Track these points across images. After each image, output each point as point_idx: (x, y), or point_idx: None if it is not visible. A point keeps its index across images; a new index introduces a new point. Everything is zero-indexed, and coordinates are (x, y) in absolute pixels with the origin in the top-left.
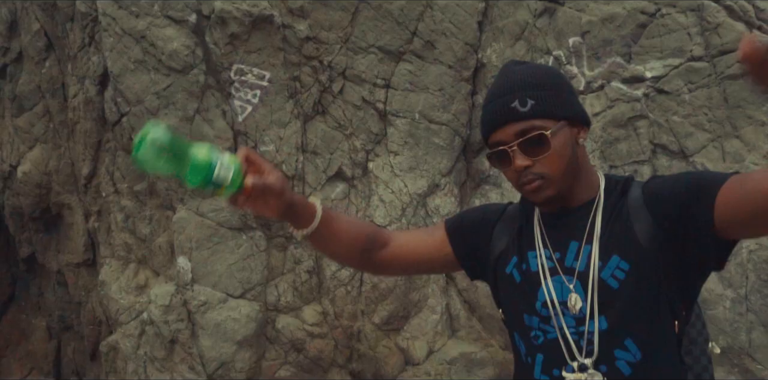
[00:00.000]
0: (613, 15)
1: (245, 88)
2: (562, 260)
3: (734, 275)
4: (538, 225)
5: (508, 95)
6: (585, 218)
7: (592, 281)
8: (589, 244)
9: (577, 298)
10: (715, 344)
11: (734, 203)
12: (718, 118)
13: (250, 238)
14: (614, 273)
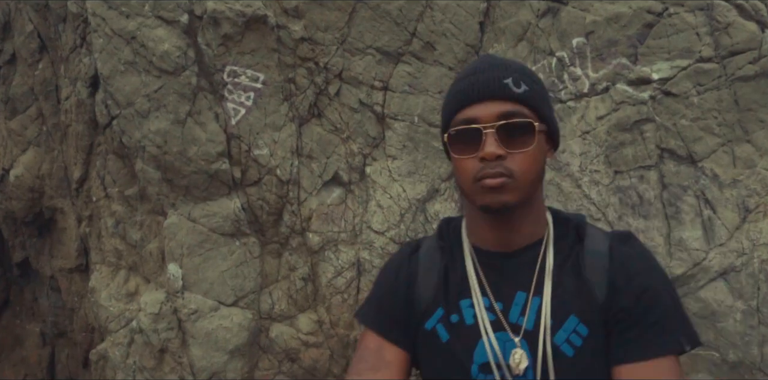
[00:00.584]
0: (619, 14)
1: (239, 90)
2: (505, 313)
3: (745, 286)
4: (472, 267)
5: (499, 70)
6: (533, 262)
7: (543, 345)
8: (538, 296)
9: (523, 355)
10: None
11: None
12: (729, 121)
13: (244, 245)
14: (570, 338)
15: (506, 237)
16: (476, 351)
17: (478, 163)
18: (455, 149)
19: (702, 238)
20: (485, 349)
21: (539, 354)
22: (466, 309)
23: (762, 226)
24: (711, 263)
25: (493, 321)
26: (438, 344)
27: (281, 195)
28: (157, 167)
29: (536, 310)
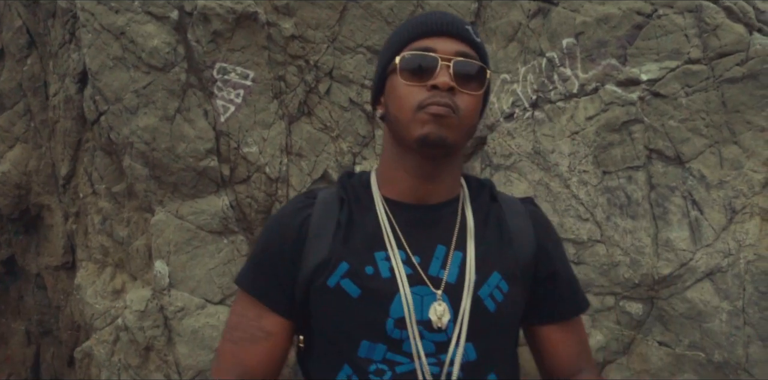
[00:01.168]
0: (608, 15)
1: (228, 88)
2: (424, 266)
3: (731, 287)
4: (386, 218)
5: (459, 18)
6: (452, 217)
7: (465, 298)
8: (461, 251)
9: (445, 309)
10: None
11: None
12: (716, 122)
13: (231, 242)
14: (493, 293)
15: (426, 188)
16: (392, 306)
17: (426, 91)
18: (404, 75)
19: (689, 239)
20: (401, 303)
21: (462, 308)
22: (381, 262)
23: (748, 227)
24: (698, 264)
25: (410, 275)
26: (347, 300)
27: (270, 193)
28: (145, 164)
29: (459, 264)
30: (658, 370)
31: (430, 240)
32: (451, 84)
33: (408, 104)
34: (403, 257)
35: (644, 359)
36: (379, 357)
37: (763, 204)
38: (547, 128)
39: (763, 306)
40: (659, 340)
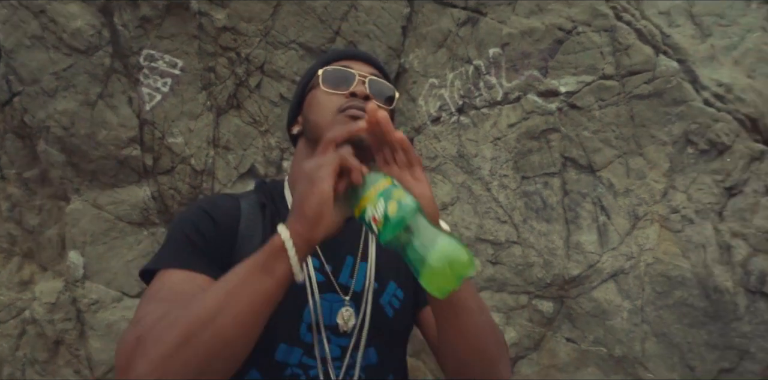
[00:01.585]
0: (533, 29)
1: (155, 75)
2: (336, 274)
3: (632, 287)
4: None
5: (372, 57)
6: (357, 231)
7: (365, 304)
8: (365, 261)
9: (351, 315)
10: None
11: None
12: (625, 135)
13: (152, 234)
14: (391, 301)
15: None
16: (305, 311)
17: (344, 98)
18: (326, 85)
19: (597, 242)
20: (310, 308)
21: (363, 313)
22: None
23: (648, 233)
24: (604, 265)
25: (322, 282)
26: None
27: (195, 186)
28: (62, 150)
29: (363, 274)
30: (565, 365)
31: (340, 251)
32: (368, 93)
33: (328, 109)
34: (317, 265)
35: (553, 354)
36: (295, 361)
37: (662, 212)
38: (472, 133)
39: (658, 306)
40: (567, 337)
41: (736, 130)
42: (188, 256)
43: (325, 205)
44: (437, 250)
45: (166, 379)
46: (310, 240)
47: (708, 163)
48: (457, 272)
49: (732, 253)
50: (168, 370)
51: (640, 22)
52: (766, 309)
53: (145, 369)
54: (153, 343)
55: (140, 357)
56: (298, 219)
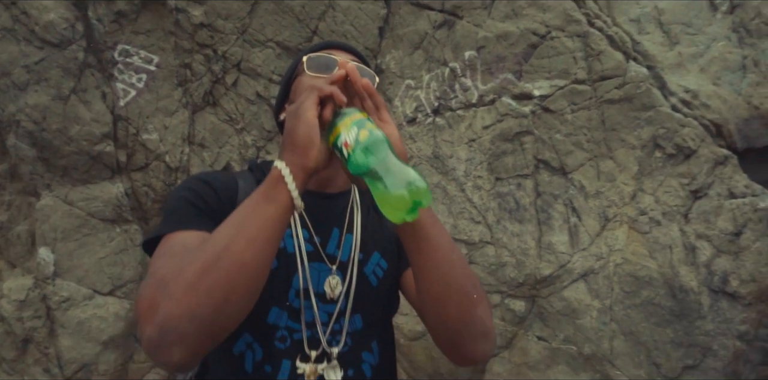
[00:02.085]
0: (508, 33)
1: (130, 71)
2: (323, 245)
3: (602, 287)
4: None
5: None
6: (345, 206)
7: (350, 273)
8: (351, 234)
9: (338, 283)
10: None
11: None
12: (596, 138)
13: (125, 232)
14: (375, 270)
15: (329, 175)
16: (294, 278)
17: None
18: (310, 70)
19: (568, 243)
20: (299, 275)
21: (349, 281)
22: (287, 239)
23: (618, 234)
24: (574, 265)
25: (311, 252)
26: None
27: (169, 183)
28: (33, 144)
29: (349, 245)
30: (536, 363)
31: (328, 224)
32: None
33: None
34: (306, 236)
35: (524, 353)
36: (283, 324)
37: (630, 213)
38: (447, 134)
39: (626, 305)
40: (538, 335)
41: (702, 135)
42: (191, 218)
43: (313, 132)
44: (397, 177)
45: (191, 312)
46: (304, 167)
47: (675, 166)
48: (415, 197)
49: (696, 254)
50: (192, 302)
51: (612, 29)
52: (728, 308)
53: (170, 307)
54: (174, 282)
55: (163, 298)
56: (291, 149)
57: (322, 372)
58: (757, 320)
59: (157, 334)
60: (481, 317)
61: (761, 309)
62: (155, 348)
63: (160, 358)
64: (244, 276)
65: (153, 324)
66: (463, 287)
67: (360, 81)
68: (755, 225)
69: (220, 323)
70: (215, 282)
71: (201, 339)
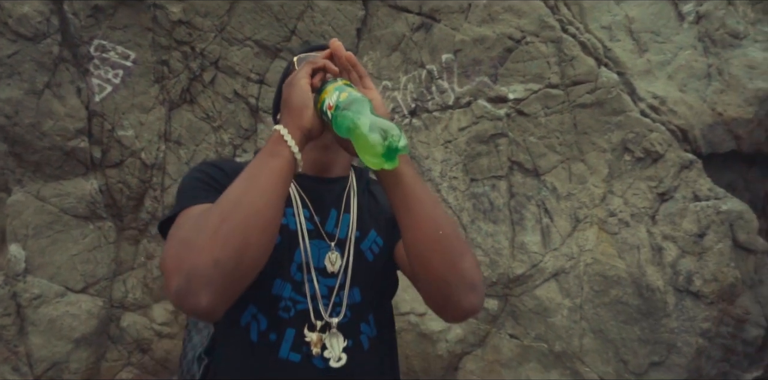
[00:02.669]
0: (484, 37)
1: (106, 66)
2: (323, 224)
3: (572, 286)
4: (293, 185)
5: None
6: (342, 189)
7: (348, 249)
8: (348, 214)
9: (338, 256)
10: None
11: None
12: (568, 141)
13: (98, 228)
14: (371, 247)
15: (328, 161)
16: (296, 253)
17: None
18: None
19: (540, 243)
20: (301, 250)
21: (347, 257)
22: (290, 217)
23: (588, 235)
24: (546, 265)
25: (311, 230)
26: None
27: (144, 180)
28: (4, 139)
29: (347, 224)
30: (508, 360)
31: (326, 205)
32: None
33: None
34: (307, 215)
35: (497, 350)
36: (286, 295)
37: (600, 215)
38: (423, 135)
39: (596, 304)
40: (510, 333)
41: (669, 140)
42: (204, 193)
43: (306, 96)
44: (373, 127)
45: (215, 259)
46: (300, 126)
47: (643, 170)
48: (390, 142)
49: (663, 255)
50: (215, 249)
51: (584, 36)
52: (691, 306)
53: (194, 257)
54: (195, 236)
55: (187, 251)
56: (287, 112)
57: (325, 341)
58: (719, 318)
59: (185, 283)
60: (467, 268)
61: (722, 307)
62: (184, 296)
63: (189, 306)
64: (260, 221)
65: (180, 274)
66: (448, 240)
67: (343, 54)
68: (718, 227)
69: (242, 267)
70: (234, 228)
71: (225, 283)
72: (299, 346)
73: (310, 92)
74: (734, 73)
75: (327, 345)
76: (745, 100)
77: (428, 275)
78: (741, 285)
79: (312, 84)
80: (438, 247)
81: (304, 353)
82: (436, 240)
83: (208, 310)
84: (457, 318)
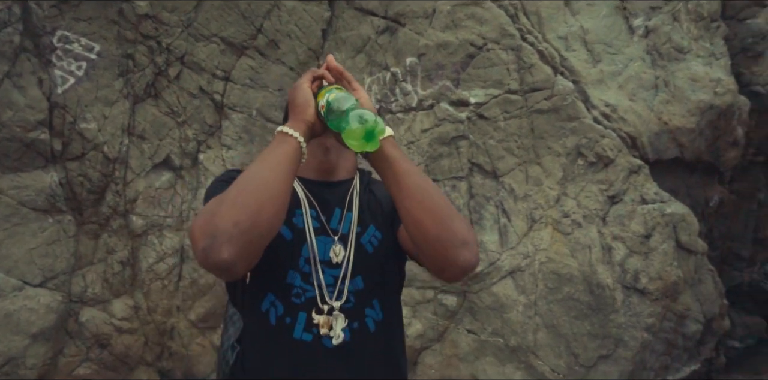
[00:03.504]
0: (447, 42)
1: (69, 58)
2: (327, 222)
3: (527, 283)
4: (300, 188)
5: None
6: (346, 190)
7: (349, 243)
8: (350, 212)
9: (341, 249)
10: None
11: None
12: (525, 145)
13: (58, 222)
14: (371, 240)
15: (332, 165)
16: (304, 247)
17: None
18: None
19: (498, 242)
20: (308, 246)
21: (349, 250)
22: (298, 217)
23: (543, 234)
24: (503, 263)
25: (317, 227)
26: (282, 241)
27: (106, 174)
28: None
29: (349, 221)
30: (466, 355)
31: (331, 205)
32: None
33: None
34: (314, 214)
35: (455, 345)
36: (297, 284)
37: (555, 216)
38: None
39: (550, 300)
40: (468, 328)
41: (619, 146)
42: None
43: (308, 95)
44: (354, 116)
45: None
46: (304, 120)
47: (595, 173)
48: (367, 127)
49: (612, 254)
50: (234, 214)
51: (542, 45)
52: (638, 303)
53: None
54: (218, 207)
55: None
56: (293, 108)
57: (332, 323)
58: (662, 314)
59: (210, 241)
60: (458, 227)
61: (666, 304)
62: (209, 252)
63: (213, 260)
64: (271, 191)
65: (205, 235)
66: (437, 205)
67: (333, 65)
68: (663, 228)
69: (257, 228)
70: (249, 197)
71: (243, 240)
72: (310, 327)
73: (311, 93)
74: (679, 85)
75: (334, 327)
76: (688, 110)
77: (424, 237)
78: (683, 283)
79: (311, 88)
80: (429, 210)
81: (315, 334)
82: (428, 205)
83: (229, 263)
84: (456, 274)
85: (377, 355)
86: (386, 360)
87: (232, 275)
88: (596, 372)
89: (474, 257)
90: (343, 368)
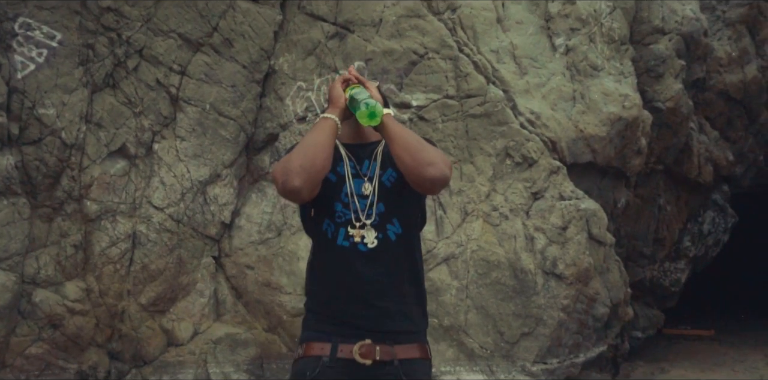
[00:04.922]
0: (392, 50)
1: (30, 45)
2: (360, 169)
3: (460, 269)
4: (342, 148)
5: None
6: (373, 148)
7: (375, 181)
8: (375, 162)
9: (369, 185)
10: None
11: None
12: (461, 146)
13: (12, 204)
14: (389, 178)
15: (360, 133)
16: (344, 186)
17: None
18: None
19: (434, 232)
20: (347, 185)
21: (374, 185)
22: (340, 168)
23: (475, 226)
24: (439, 251)
25: (353, 173)
26: (330, 182)
27: (62, 159)
28: None
29: (374, 167)
30: None
31: (362, 158)
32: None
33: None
34: (351, 165)
35: None
36: (339, 210)
37: (485, 209)
38: None
39: (479, 284)
40: None
41: (542, 149)
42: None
43: (339, 92)
44: (362, 102)
45: (300, 164)
46: (338, 106)
47: (521, 172)
48: (369, 110)
49: (534, 243)
50: (299, 160)
51: (477, 56)
52: (555, 286)
53: (290, 165)
54: (289, 159)
55: (286, 164)
56: (330, 100)
57: (363, 234)
58: (575, 296)
59: (286, 176)
60: (425, 155)
61: (579, 287)
62: (286, 183)
63: (289, 188)
64: (319, 147)
65: (283, 173)
66: (411, 144)
67: (354, 73)
68: (577, 222)
69: (314, 167)
70: (308, 150)
71: (306, 175)
72: (348, 237)
73: (342, 90)
74: (593, 98)
75: (365, 236)
76: (600, 121)
77: (403, 165)
78: (593, 270)
79: (342, 86)
80: (405, 147)
81: (351, 242)
82: (404, 145)
83: (298, 189)
84: (429, 187)
85: (399, 258)
86: (406, 263)
87: (301, 198)
88: (519, 348)
89: (438, 172)
90: (371, 265)
